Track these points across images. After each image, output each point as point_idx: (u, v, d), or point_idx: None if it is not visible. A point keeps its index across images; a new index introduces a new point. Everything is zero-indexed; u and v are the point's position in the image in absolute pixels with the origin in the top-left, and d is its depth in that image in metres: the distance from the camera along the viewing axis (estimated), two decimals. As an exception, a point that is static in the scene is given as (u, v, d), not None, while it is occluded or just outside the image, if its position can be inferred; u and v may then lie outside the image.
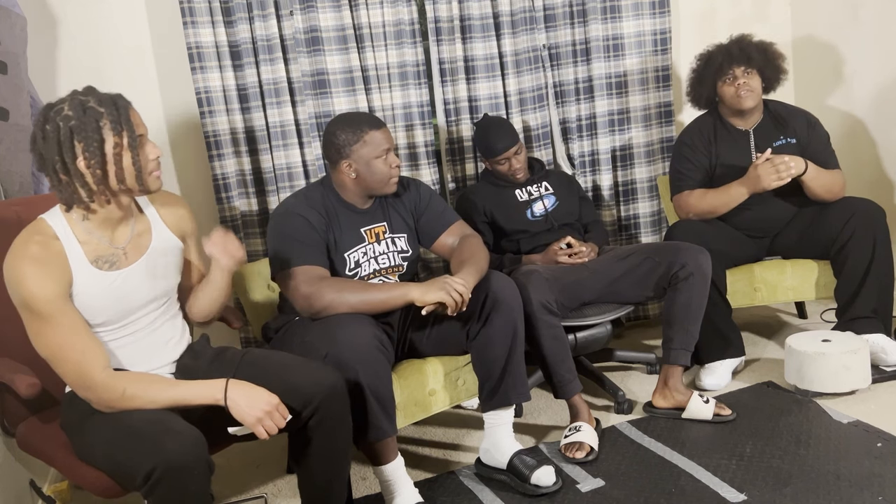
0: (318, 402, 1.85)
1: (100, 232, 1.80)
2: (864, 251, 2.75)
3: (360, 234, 2.39)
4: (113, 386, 1.72)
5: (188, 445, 1.59)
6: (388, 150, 2.34)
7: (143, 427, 1.65)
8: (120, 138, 1.71)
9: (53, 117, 1.69)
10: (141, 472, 1.55)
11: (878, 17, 3.31)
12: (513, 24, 3.16)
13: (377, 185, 2.36)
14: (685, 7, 3.57)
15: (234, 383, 1.76)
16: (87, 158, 1.68)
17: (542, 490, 2.27)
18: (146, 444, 1.59)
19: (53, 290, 1.69)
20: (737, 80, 2.88)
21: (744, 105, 2.89)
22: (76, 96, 1.72)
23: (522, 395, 2.36)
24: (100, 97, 1.72)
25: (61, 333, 1.70)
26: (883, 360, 2.76)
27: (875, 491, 2.11)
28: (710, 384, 2.83)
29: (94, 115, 1.69)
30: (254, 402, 1.73)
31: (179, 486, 1.57)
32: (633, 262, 2.70)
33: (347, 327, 2.09)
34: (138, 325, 1.88)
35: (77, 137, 1.68)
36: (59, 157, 1.68)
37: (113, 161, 1.71)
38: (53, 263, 1.70)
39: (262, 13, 2.88)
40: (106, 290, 1.79)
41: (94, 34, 2.85)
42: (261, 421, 1.73)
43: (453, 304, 2.16)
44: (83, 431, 1.77)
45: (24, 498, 2.26)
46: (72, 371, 1.72)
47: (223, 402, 1.74)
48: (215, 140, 2.92)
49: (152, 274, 1.88)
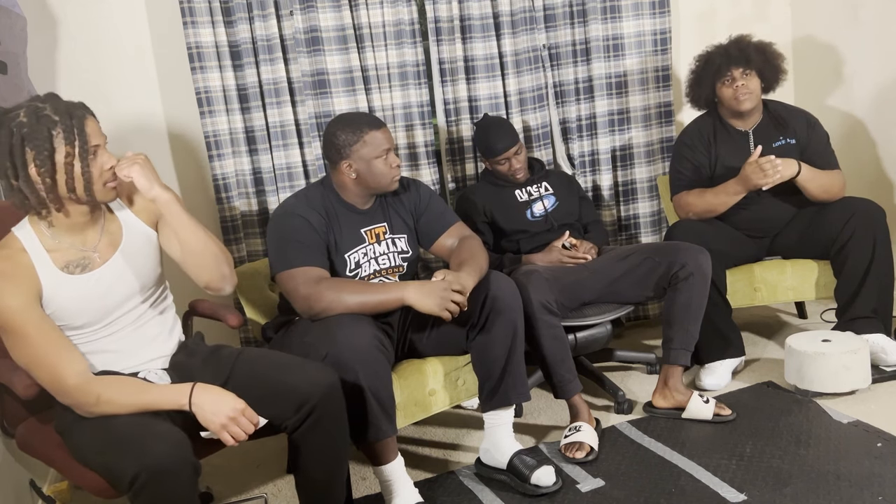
0: (315, 401, 1.84)
1: (69, 237, 1.80)
2: (864, 251, 2.75)
3: (360, 235, 2.39)
4: (88, 391, 1.72)
5: (172, 448, 1.59)
6: (389, 150, 2.34)
7: (127, 431, 1.65)
8: (72, 148, 1.70)
9: (8, 123, 1.69)
10: (126, 476, 1.55)
11: (878, 18, 3.31)
12: (513, 24, 3.16)
13: (378, 185, 2.36)
14: (685, 7, 3.57)
15: (201, 388, 1.74)
16: (38, 166, 1.68)
17: (542, 490, 2.27)
18: (131, 449, 1.60)
19: (22, 302, 1.70)
20: (735, 82, 2.88)
21: (742, 107, 2.89)
22: (34, 103, 1.71)
23: (522, 395, 2.36)
24: (56, 105, 1.71)
25: (33, 344, 1.71)
26: (883, 360, 2.76)
27: (875, 491, 2.11)
28: (710, 384, 2.83)
29: (48, 123, 1.68)
30: (218, 408, 1.71)
31: (165, 489, 1.57)
32: (633, 262, 2.70)
33: (347, 328, 2.09)
34: (122, 323, 1.88)
35: (28, 145, 1.68)
36: (10, 163, 1.69)
37: (63, 170, 1.71)
38: (20, 276, 1.72)
39: (262, 13, 2.88)
40: (81, 293, 1.79)
41: (94, 34, 2.85)
42: (225, 427, 1.71)
43: (448, 317, 2.16)
44: (74, 434, 1.77)
45: (24, 498, 2.26)
46: (47, 378, 1.73)
47: (188, 408, 1.72)
48: (215, 140, 2.92)
49: (129, 270, 1.88)
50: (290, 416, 1.84)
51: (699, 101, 3.05)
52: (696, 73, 3.02)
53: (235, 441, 1.73)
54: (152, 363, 1.92)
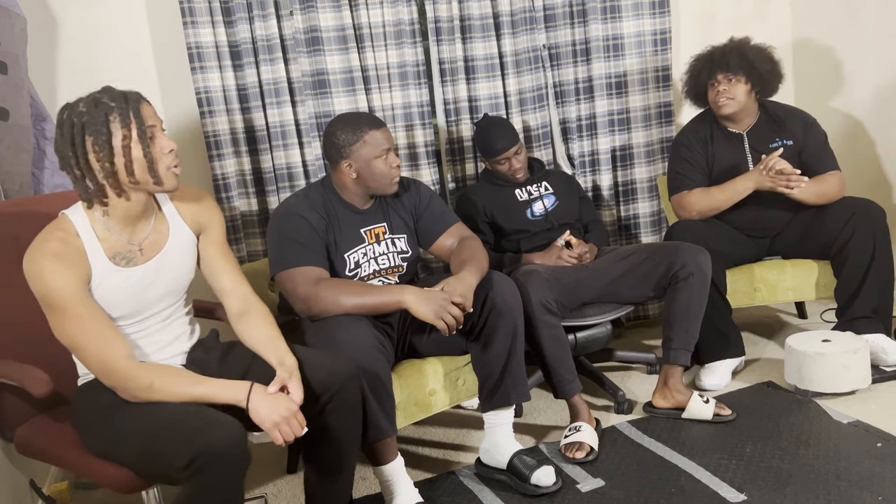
0: (335, 390, 1.88)
1: (119, 228, 1.83)
2: (864, 251, 2.76)
3: (359, 235, 2.39)
4: (139, 376, 1.74)
5: (233, 435, 1.62)
6: (389, 149, 2.33)
7: (185, 418, 1.67)
8: (129, 131, 1.73)
9: (69, 115, 1.73)
10: (183, 459, 1.57)
11: (878, 18, 3.31)
12: (513, 24, 3.16)
13: (378, 185, 2.36)
14: (685, 7, 3.57)
15: (258, 388, 1.78)
16: (97, 152, 1.72)
17: (542, 490, 2.27)
18: (191, 433, 1.61)
19: (72, 283, 1.73)
20: (717, 86, 2.89)
21: (721, 111, 2.91)
22: (92, 94, 1.76)
23: (522, 395, 2.36)
24: (113, 93, 1.75)
25: (81, 323, 1.73)
26: (883, 360, 2.76)
27: (875, 491, 2.11)
28: (710, 384, 2.83)
29: (105, 109, 1.72)
30: (274, 407, 1.75)
31: (221, 473, 1.59)
32: (633, 262, 2.70)
33: (347, 328, 2.09)
34: (153, 321, 1.91)
35: (88, 131, 1.72)
36: (72, 152, 1.72)
37: (122, 153, 1.73)
38: (72, 259, 1.74)
39: (262, 13, 2.88)
40: (123, 286, 1.82)
41: (94, 34, 2.85)
42: (278, 425, 1.75)
43: (445, 329, 2.14)
44: (104, 425, 1.78)
45: (24, 498, 2.26)
46: (96, 357, 1.75)
47: (244, 405, 1.76)
48: (215, 140, 2.92)
49: (169, 271, 1.91)
50: (308, 406, 1.85)
51: (697, 99, 3.07)
52: (689, 73, 3.04)
53: (284, 441, 1.76)
54: (173, 360, 1.94)
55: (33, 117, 2.57)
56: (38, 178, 2.58)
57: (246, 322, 2.00)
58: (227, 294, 2.01)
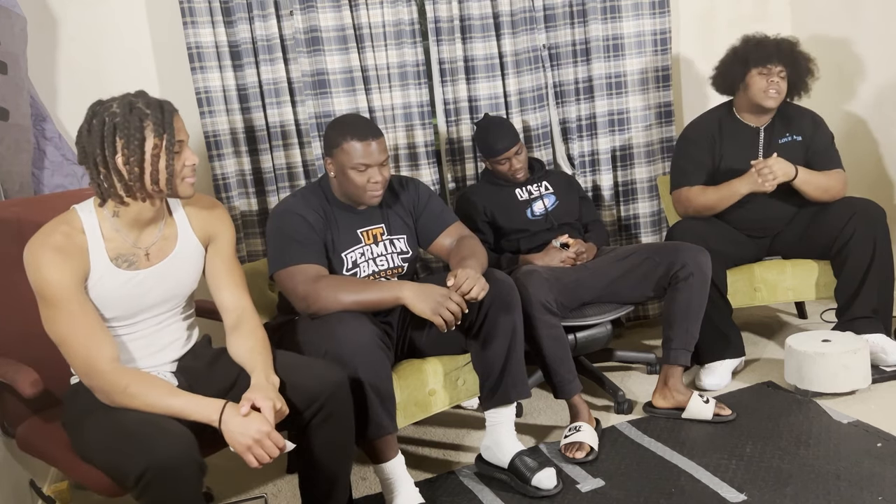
0: (324, 399, 1.85)
1: (126, 230, 1.83)
2: (864, 251, 2.76)
3: (356, 235, 2.38)
4: (117, 380, 1.73)
5: (180, 447, 1.59)
6: (368, 165, 2.27)
7: (136, 428, 1.65)
8: (160, 140, 1.73)
9: (101, 112, 1.73)
10: (133, 473, 1.55)
11: (878, 18, 3.31)
12: (513, 24, 3.16)
13: (352, 195, 2.33)
14: (685, 7, 3.57)
15: (232, 407, 1.74)
16: (126, 155, 1.72)
17: (543, 493, 2.27)
18: (138, 445, 1.60)
19: (68, 278, 1.72)
20: (771, 76, 2.86)
21: (765, 103, 2.87)
22: (127, 96, 1.76)
23: (523, 393, 2.36)
24: (148, 100, 1.76)
25: (71, 319, 1.73)
26: (883, 360, 2.76)
27: (875, 491, 2.11)
28: (710, 384, 2.83)
29: (140, 114, 1.72)
30: (246, 429, 1.71)
31: (170, 487, 1.57)
32: (633, 262, 2.70)
33: (347, 324, 2.09)
34: (147, 325, 1.90)
35: (119, 134, 1.72)
36: (100, 150, 1.72)
37: (150, 161, 1.74)
38: (72, 254, 1.74)
39: (262, 13, 2.88)
40: (120, 287, 1.81)
41: (94, 34, 2.85)
42: (250, 449, 1.71)
43: (443, 324, 2.13)
44: (81, 429, 1.78)
45: (24, 498, 2.26)
46: (81, 356, 1.74)
47: (217, 425, 1.73)
48: (215, 140, 2.92)
49: (170, 279, 1.90)
50: (297, 414, 1.84)
51: (724, 82, 3.00)
52: (735, 51, 2.96)
53: (259, 464, 1.73)
54: (163, 367, 1.93)
55: (33, 117, 2.58)
56: (38, 178, 2.58)
57: (235, 335, 1.97)
58: (224, 309, 2.00)
